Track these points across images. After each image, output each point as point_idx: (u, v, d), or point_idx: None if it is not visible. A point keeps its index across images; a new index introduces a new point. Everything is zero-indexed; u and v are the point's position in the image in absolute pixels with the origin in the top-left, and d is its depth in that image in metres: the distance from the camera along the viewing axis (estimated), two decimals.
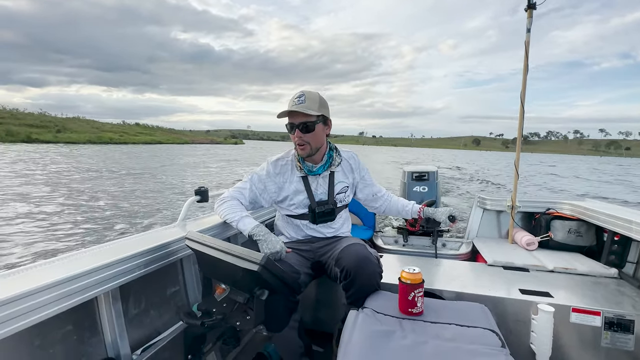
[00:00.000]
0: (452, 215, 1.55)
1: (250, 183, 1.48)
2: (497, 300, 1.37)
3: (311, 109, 1.34)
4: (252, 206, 1.51)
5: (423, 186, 2.63)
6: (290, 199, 1.49)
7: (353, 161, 1.59)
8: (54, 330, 0.95)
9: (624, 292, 1.45)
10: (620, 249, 1.75)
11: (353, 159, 1.60)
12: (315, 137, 1.39)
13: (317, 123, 1.38)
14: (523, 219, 2.37)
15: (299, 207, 1.50)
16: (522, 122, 2.13)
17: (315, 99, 1.38)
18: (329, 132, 1.47)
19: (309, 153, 1.41)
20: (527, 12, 2.01)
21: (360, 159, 1.65)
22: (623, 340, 1.25)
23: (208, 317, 1.11)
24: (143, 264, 1.12)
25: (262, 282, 0.97)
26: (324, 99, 1.42)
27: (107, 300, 1.07)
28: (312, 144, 1.39)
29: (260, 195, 1.49)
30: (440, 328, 1.00)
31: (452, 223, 1.55)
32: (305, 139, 1.38)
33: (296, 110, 1.33)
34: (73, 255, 1.06)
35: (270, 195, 1.50)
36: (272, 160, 1.51)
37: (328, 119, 1.44)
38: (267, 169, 1.49)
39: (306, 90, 1.39)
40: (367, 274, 1.26)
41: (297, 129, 1.36)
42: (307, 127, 1.36)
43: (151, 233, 1.36)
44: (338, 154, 1.53)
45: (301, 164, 1.47)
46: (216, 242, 1.03)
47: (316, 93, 1.40)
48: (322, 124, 1.41)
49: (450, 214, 1.55)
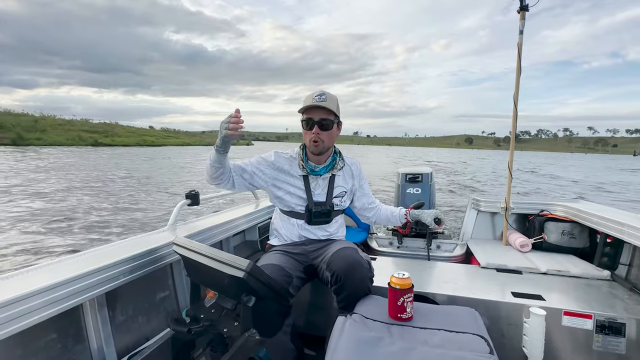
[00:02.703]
0: (438, 217, 1.54)
1: (248, 160, 1.48)
2: (489, 303, 1.37)
3: (332, 108, 1.39)
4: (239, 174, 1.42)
5: (417, 188, 2.63)
6: (288, 192, 1.49)
7: (355, 168, 1.62)
8: (37, 338, 0.93)
9: (616, 295, 1.44)
10: (613, 251, 1.75)
11: (355, 165, 1.63)
12: (330, 136, 1.43)
13: (334, 123, 1.43)
14: (517, 221, 2.36)
15: (295, 205, 1.49)
16: (516, 123, 2.13)
17: (334, 99, 1.44)
18: (337, 135, 1.51)
19: (321, 150, 1.44)
20: (520, 14, 2.01)
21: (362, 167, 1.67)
22: (614, 344, 1.24)
23: (196, 323, 1.09)
24: (130, 270, 1.11)
25: (249, 288, 0.96)
26: (338, 104, 1.48)
27: (93, 307, 1.05)
28: (326, 142, 1.43)
29: (255, 173, 1.45)
30: (429, 334, 0.99)
31: (438, 225, 1.54)
32: (321, 137, 1.41)
33: (320, 105, 1.37)
34: (58, 261, 1.05)
35: (265, 180, 1.47)
36: (279, 152, 1.54)
37: (341, 122, 1.50)
38: (273, 157, 1.51)
39: (326, 90, 1.44)
40: (358, 278, 1.25)
41: (316, 125, 1.39)
42: (326, 124, 1.40)
43: (140, 238, 1.34)
44: (341, 159, 1.56)
45: (304, 162, 1.48)
46: (202, 247, 1.02)
47: (334, 95, 1.45)
48: (337, 126, 1.47)
49: (436, 216, 1.54)
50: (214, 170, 1.30)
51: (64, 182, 11.32)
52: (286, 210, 1.53)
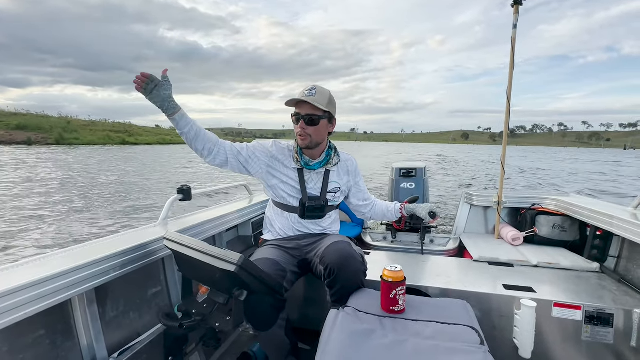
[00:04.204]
0: (433, 211, 1.55)
1: (246, 144, 1.49)
2: (481, 296, 1.38)
3: (320, 103, 1.36)
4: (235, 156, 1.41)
5: (410, 182, 2.64)
6: (282, 182, 1.48)
7: (350, 164, 1.60)
8: (25, 334, 0.92)
9: (605, 286, 1.46)
10: (602, 243, 1.77)
11: (351, 162, 1.61)
12: (317, 131, 1.40)
13: (322, 118, 1.39)
14: (509, 215, 2.39)
15: (289, 198, 1.49)
16: (509, 117, 2.14)
17: (326, 94, 1.40)
18: (332, 131, 1.49)
19: (308, 145, 1.42)
20: (514, 7, 2.01)
21: (358, 164, 1.65)
22: (603, 334, 1.26)
23: (188, 318, 1.09)
24: (120, 265, 1.09)
25: (241, 282, 0.95)
26: (333, 98, 1.45)
27: (82, 302, 1.04)
28: (313, 137, 1.40)
29: (250, 156, 1.44)
30: (421, 326, 0.99)
31: (433, 219, 1.55)
32: (307, 131, 1.39)
33: (305, 100, 1.34)
34: (46, 256, 1.03)
35: (260, 166, 1.46)
36: (277, 141, 1.54)
37: (334, 117, 1.46)
38: (271, 145, 1.51)
39: (318, 85, 1.41)
40: (351, 271, 1.25)
41: (302, 120, 1.38)
42: (313, 120, 1.38)
43: (131, 233, 1.33)
44: (337, 154, 1.54)
45: (299, 156, 1.46)
46: (193, 242, 1.01)
47: (327, 90, 1.42)
48: (327, 121, 1.44)
49: (431, 210, 1.55)
50: (184, 136, 1.30)
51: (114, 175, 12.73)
52: (280, 203, 1.52)
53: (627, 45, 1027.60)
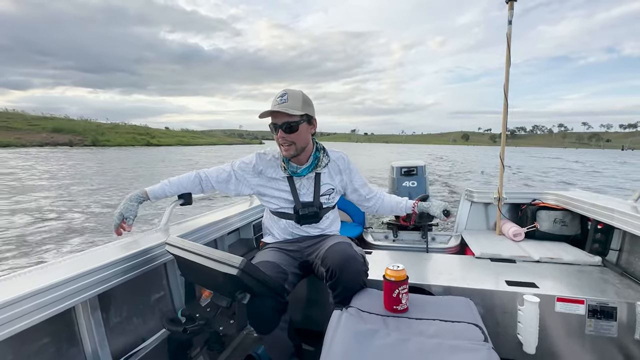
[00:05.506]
0: (447, 209, 1.52)
1: (231, 167, 1.50)
2: (484, 292, 1.38)
3: (294, 109, 1.30)
4: (224, 186, 1.50)
5: (412, 181, 2.64)
6: (274, 197, 1.48)
7: (342, 162, 1.55)
8: (29, 342, 0.92)
9: (607, 280, 1.47)
10: (604, 237, 1.78)
11: (342, 159, 1.55)
12: (299, 136, 1.35)
13: (300, 123, 1.33)
14: (510, 211, 2.39)
15: (283, 207, 1.48)
16: (506, 114, 2.14)
17: (299, 97, 1.33)
18: (314, 131, 1.44)
19: (294, 154, 1.38)
20: (509, 4, 2.01)
21: (351, 159, 1.60)
22: (606, 328, 1.26)
23: (191, 322, 1.09)
24: (122, 271, 1.10)
25: (243, 285, 0.96)
26: (307, 97, 1.38)
27: (86, 309, 1.04)
28: (297, 143, 1.35)
29: (238, 181, 1.49)
30: (424, 324, 0.99)
31: (447, 217, 1.52)
32: (289, 139, 1.34)
33: (278, 110, 1.29)
34: (48, 264, 1.03)
35: (250, 187, 1.50)
36: (260, 153, 1.51)
37: (313, 117, 1.40)
38: (254, 162, 1.49)
39: (289, 89, 1.35)
40: (352, 272, 1.25)
41: (281, 129, 1.32)
42: (291, 127, 1.32)
43: (132, 239, 1.33)
44: (325, 155, 1.49)
45: (286, 164, 1.43)
46: (195, 246, 1.01)
47: (299, 91, 1.36)
48: (307, 124, 1.37)
49: (445, 208, 1.52)
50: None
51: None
52: (275, 211, 1.51)
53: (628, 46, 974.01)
